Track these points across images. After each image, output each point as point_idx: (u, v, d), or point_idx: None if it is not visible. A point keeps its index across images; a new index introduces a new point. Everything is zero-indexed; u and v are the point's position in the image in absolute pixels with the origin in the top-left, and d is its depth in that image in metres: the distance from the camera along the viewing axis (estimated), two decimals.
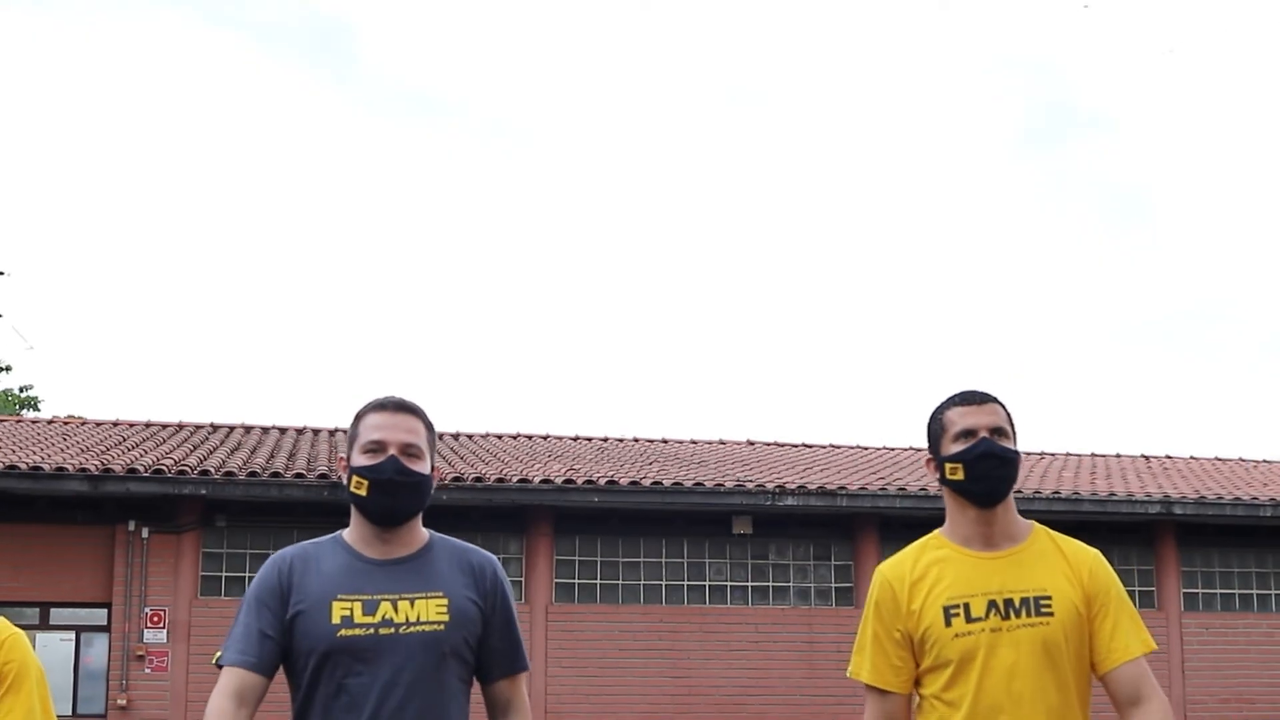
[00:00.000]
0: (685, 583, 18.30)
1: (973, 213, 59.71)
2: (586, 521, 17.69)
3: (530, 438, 22.73)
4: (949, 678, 4.25)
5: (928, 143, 59.78)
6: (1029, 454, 23.17)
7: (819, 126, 59.40)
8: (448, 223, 64.57)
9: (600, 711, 16.77)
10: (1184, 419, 60.34)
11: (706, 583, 18.34)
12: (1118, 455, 23.89)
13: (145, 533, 16.39)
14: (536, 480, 16.69)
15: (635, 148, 63.34)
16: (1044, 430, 61.61)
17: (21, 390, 41.47)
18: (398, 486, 4.11)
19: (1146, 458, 23.75)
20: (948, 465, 4.29)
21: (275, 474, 16.11)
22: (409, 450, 4.12)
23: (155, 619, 16.48)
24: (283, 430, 21.87)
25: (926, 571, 4.32)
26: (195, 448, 18.17)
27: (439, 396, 60.62)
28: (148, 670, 15.97)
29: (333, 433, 21.82)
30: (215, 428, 21.51)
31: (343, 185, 62.47)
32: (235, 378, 63.45)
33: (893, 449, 23.54)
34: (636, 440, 23.13)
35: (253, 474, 15.85)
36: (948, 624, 4.23)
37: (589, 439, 22.96)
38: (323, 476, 16.13)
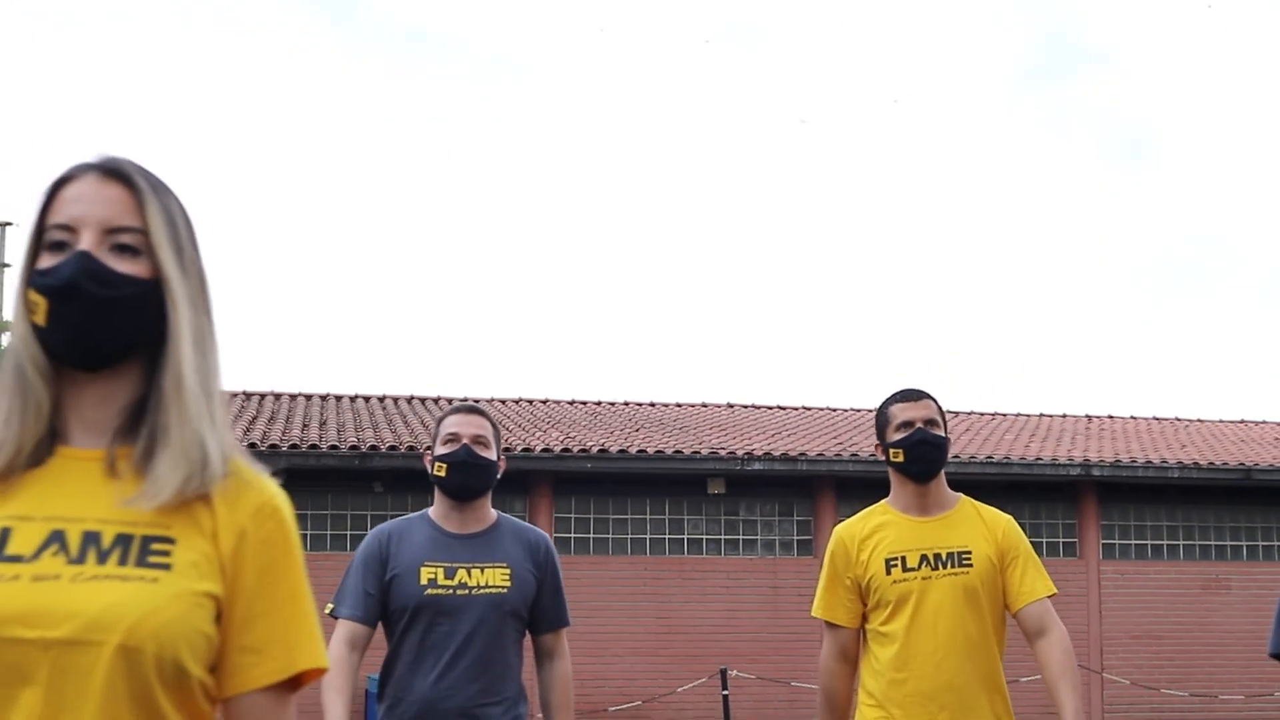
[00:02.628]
0: (666, 536, 19.44)
1: (970, 155, 58.43)
2: (581, 484, 18.81)
3: (531, 402, 23.93)
4: (888, 614, 4.85)
5: (922, 83, 59.05)
6: (971, 414, 24.71)
7: (812, 67, 57.57)
8: (448, 185, 63.20)
9: (593, 647, 17.85)
10: (1182, 361, 59.88)
11: (685, 536, 19.48)
12: (1050, 415, 25.19)
13: None
14: (538, 449, 18.10)
15: (625, 114, 62.63)
16: (1035, 373, 61.20)
17: None
18: (470, 468, 4.68)
19: (1085, 417, 25.15)
20: (891, 450, 4.91)
21: (313, 446, 17.79)
22: (478, 440, 4.72)
23: None
24: (308, 397, 23.02)
25: (873, 533, 4.89)
26: (237, 417, 19.89)
27: (442, 360, 60.68)
28: None
29: (353, 399, 22.92)
30: (248, 395, 22.71)
31: (338, 135, 61.98)
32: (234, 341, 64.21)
33: (859, 410, 24.65)
34: (627, 404, 24.14)
35: (293, 446, 17.56)
36: (888, 572, 4.81)
37: (584, 403, 24.04)
38: (354, 448, 17.74)
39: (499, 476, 4.77)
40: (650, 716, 18.35)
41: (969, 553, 4.85)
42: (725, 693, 17.75)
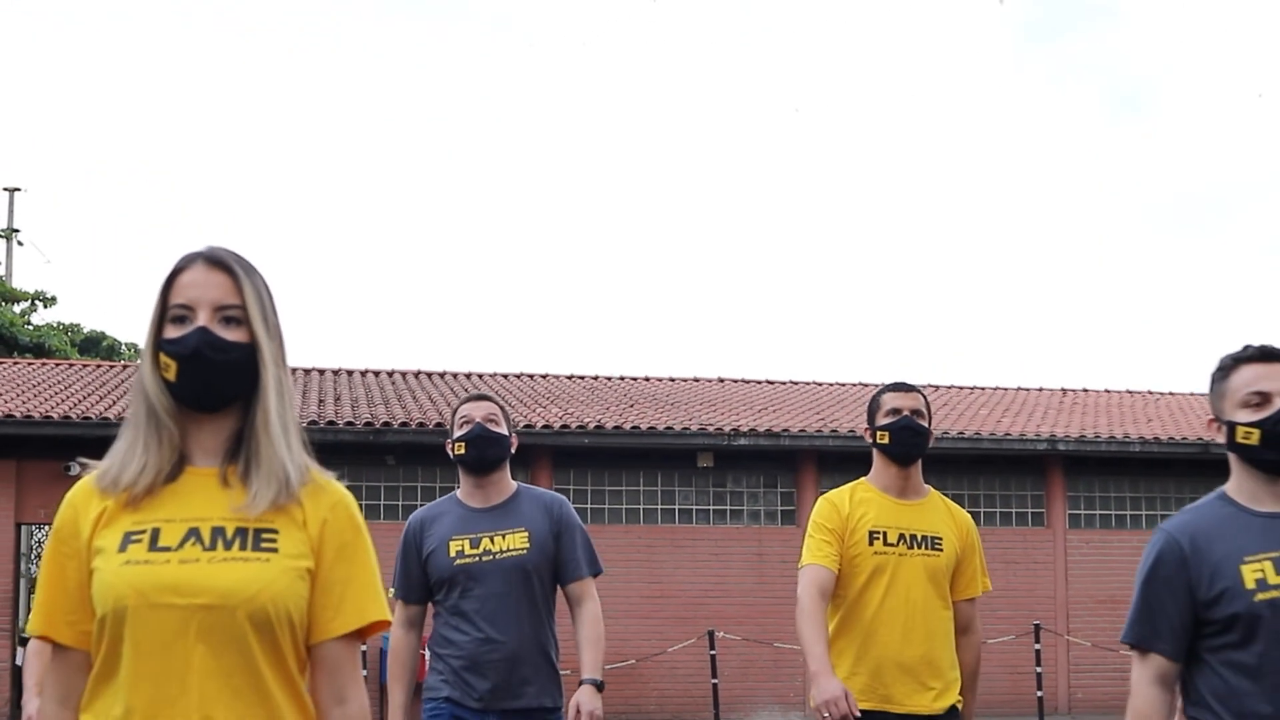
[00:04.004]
0: (659, 507, 20.17)
1: (970, 115, 56.53)
2: (579, 458, 19.54)
3: (532, 377, 24.30)
4: (863, 584, 5.09)
5: (919, 47, 56.46)
6: (951, 388, 25.19)
7: (808, 33, 56.22)
8: (454, 166, 61.04)
9: None
10: (1182, 313, 58.42)
11: (676, 507, 20.22)
12: (1027, 389, 25.68)
13: None
14: (539, 425, 18.84)
15: (621, 101, 61.12)
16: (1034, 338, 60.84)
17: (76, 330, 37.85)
18: (484, 441, 5.08)
19: (1060, 391, 25.67)
20: (878, 432, 5.13)
21: (331, 422, 18.65)
22: (489, 418, 5.11)
23: None
24: (321, 372, 23.54)
25: (859, 505, 5.13)
26: None
27: (449, 336, 59.52)
28: None
29: (364, 374, 23.40)
30: None
31: (343, 123, 58.71)
32: None
33: (844, 384, 24.94)
34: (623, 379, 24.58)
35: (312, 423, 18.26)
36: (870, 544, 5.06)
37: (582, 378, 24.46)
38: (368, 424, 18.61)
39: (512, 451, 5.13)
40: (643, 675, 18.96)
41: (940, 539, 5.14)
42: (713, 653, 18.61)
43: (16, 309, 36.94)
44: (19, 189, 39.71)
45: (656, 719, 19.16)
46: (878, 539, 5.07)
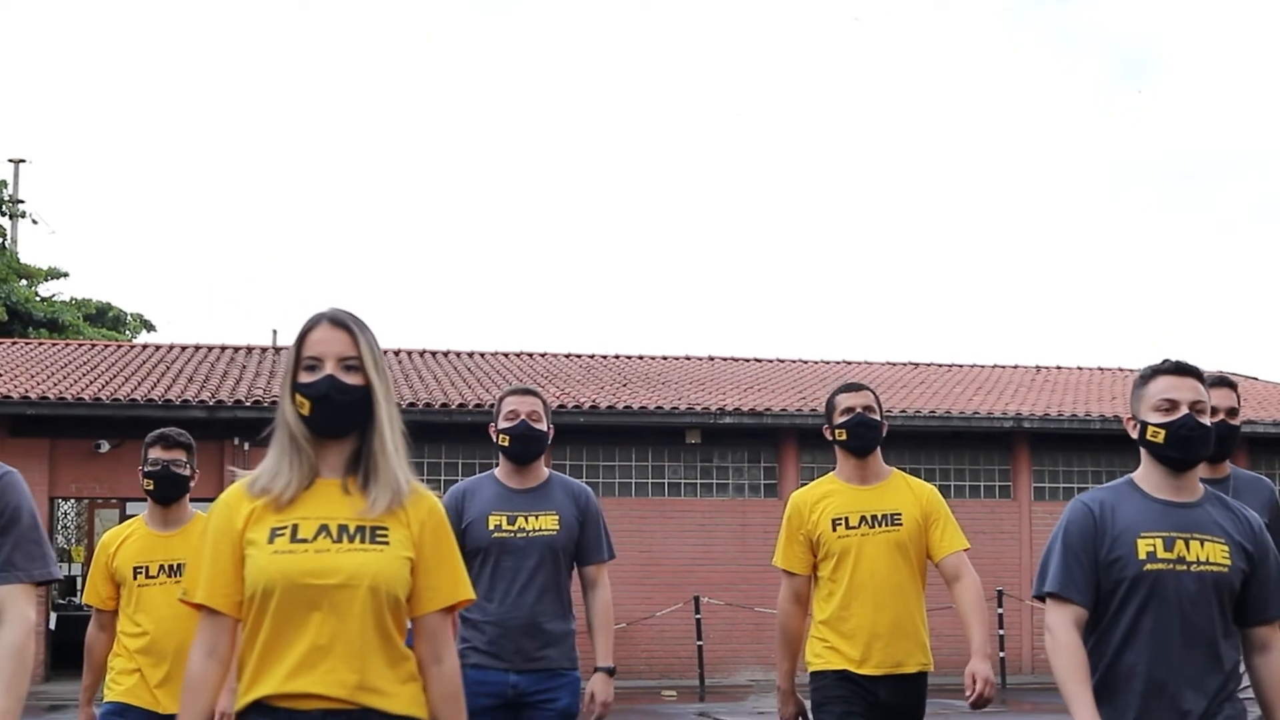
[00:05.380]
0: (650, 480, 20.91)
1: (948, 101, 57.36)
2: (575, 434, 19.90)
3: (531, 356, 25.05)
4: (834, 565, 5.35)
5: (903, 24, 57.39)
6: (930, 365, 26.28)
7: (797, 6, 56.91)
8: (457, 149, 61.14)
9: None
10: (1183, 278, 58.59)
11: (665, 480, 20.97)
12: (1002, 365, 26.66)
13: (246, 446, 18.49)
14: None
15: (615, 58, 61.47)
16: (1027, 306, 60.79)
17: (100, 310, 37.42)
18: (527, 439, 5.31)
19: (1034, 368, 26.64)
20: (836, 430, 5.39)
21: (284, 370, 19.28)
22: (533, 415, 5.32)
23: None
24: None
25: (821, 498, 5.42)
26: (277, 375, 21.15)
27: (449, 314, 59.52)
28: None
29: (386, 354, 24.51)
30: (278, 350, 23.89)
31: (323, 80, 59.40)
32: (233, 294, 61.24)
33: (827, 362, 25.92)
34: (618, 358, 25.29)
35: None
36: (834, 530, 5.31)
37: (579, 356, 25.17)
38: None
39: (549, 442, 5.39)
40: (634, 637, 19.55)
41: (900, 515, 5.38)
42: (698, 617, 19.61)
43: (28, 285, 36.81)
44: (24, 160, 39.21)
45: (646, 679, 19.68)
46: (840, 525, 5.36)
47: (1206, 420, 4.04)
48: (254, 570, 3.24)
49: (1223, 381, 5.23)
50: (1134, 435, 4.08)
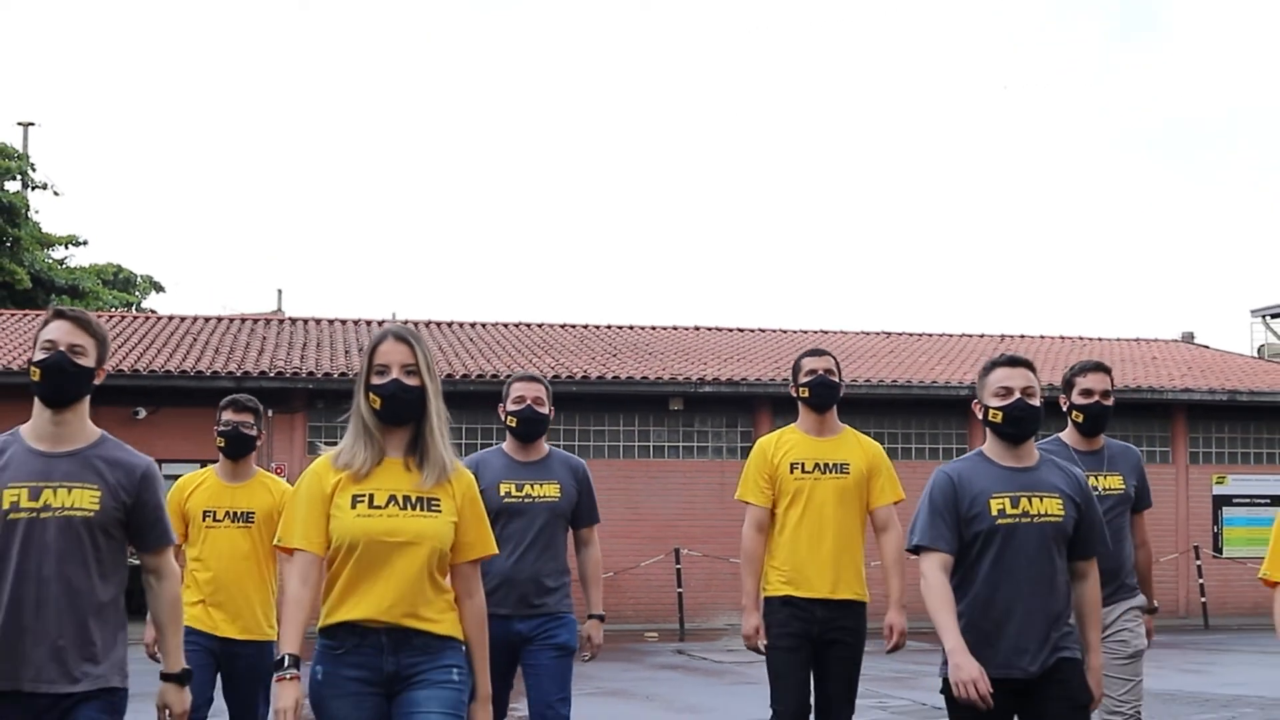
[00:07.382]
0: (636, 444, 21.82)
1: (945, 58, 56.64)
2: (568, 402, 20.26)
3: (529, 326, 25.81)
4: (788, 503, 5.75)
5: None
6: (903, 334, 27.39)
7: None
8: (457, 122, 63.07)
9: None
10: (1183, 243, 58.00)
11: (651, 444, 21.89)
12: (970, 334, 27.57)
13: (270, 413, 18.29)
14: None
15: (613, 38, 60.42)
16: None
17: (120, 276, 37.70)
18: (532, 421, 5.75)
19: (999, 336, 27.60)
20: (800, 389, 5.82)
21: (327, 374, 20.24)
22: (537, 400, 5.73)
23: (279, 470, 18.60)
24: (317, 322, 24.81)
25: (783, 445, 5.84)
26: (302, 346, 22.21)
27: (450, 285, 59.63)
28: None
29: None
30: (306, 321, 24.80)
31: (325, 60, 60.65)
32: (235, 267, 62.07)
33: (805, 331, 26.91)
34: (609, 328, 26.12)
35: (343, 374, 20.02)
36: (791, 472, 5.74)
37: (573, 327, 25.99)
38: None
39: (549, 423, 5.81)
40: (621, 586, 20.34)
41: (848, 464, 5.79)
42: (679, 567, 20.90)
43: (52, 254, 37.19)
44: (33, 124, 39.01)
45: (633, 623, 20.43)
46: (797, 469, 5.76)
47: (1036, 402, 4.61)
48: (340, 528, 3.92)
49: (1099, 367, 5.84)
50: (980, 417, 4.71)
